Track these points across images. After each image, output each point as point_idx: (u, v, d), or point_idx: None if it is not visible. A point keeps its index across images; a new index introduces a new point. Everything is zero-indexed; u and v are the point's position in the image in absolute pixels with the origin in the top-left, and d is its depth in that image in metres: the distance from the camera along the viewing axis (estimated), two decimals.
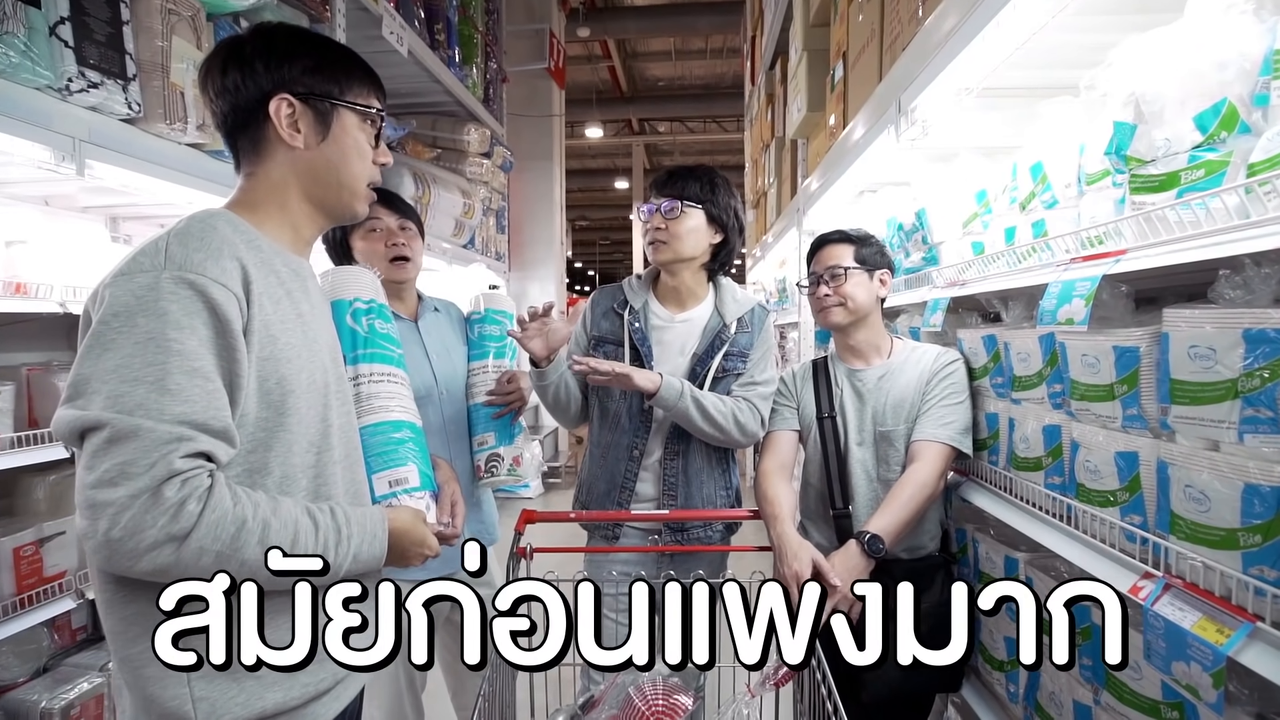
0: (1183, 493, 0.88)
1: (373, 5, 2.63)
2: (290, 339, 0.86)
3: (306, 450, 0.87)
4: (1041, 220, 1.23)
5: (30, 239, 1.71)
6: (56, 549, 1.71)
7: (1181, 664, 0.83)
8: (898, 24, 1.65)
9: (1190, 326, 0.86)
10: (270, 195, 0.91)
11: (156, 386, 0.72)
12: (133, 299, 0.74)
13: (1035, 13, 1.08)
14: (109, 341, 0.73)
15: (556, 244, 6.02)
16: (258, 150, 0.90)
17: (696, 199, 1.49)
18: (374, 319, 1.09)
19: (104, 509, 0.69)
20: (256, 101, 0.88)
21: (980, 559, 1.46)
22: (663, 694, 1.07)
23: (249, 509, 0.77)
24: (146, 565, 0.71)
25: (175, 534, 0.71)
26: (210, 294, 0.76)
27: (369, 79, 0.95)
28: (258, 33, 0.90)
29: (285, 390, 0.84)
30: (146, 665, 0.78)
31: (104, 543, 0.70)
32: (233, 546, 0.75)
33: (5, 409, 1.59)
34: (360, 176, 0.94)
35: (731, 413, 1.45)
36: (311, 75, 0.89)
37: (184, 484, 0.72)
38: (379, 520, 0.91)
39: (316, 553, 0.81)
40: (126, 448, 0.70)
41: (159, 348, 0.73)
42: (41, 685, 1.74)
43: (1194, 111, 0.85)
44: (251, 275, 0.82)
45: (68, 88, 1.44)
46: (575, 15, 7.01)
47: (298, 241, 0.94)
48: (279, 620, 0.83)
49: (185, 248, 0.78)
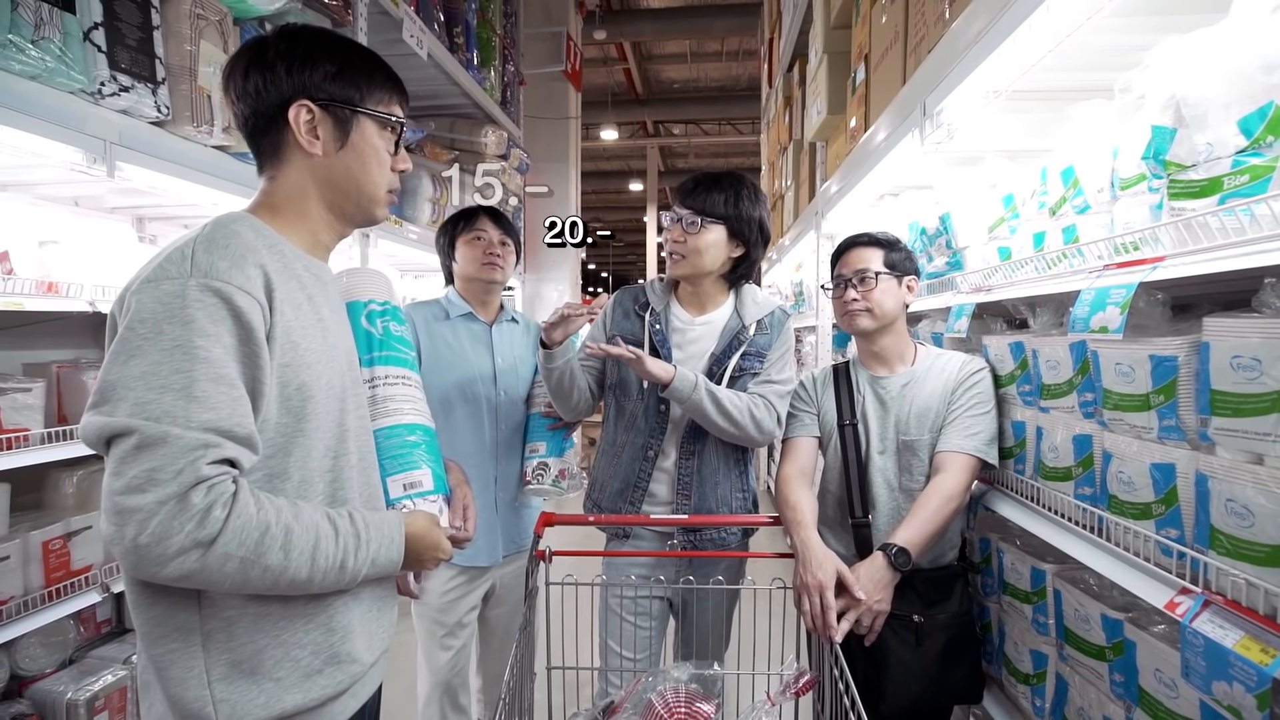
0: (1224, 507, 0.86)
1: (394, 9, 2.65)
2: (311, 345, 0.86)
3: (324, 455, 0.88)
4: (1072, 225, 1.21)
5: (61, 239, 1.74)
6: (83, 543, 1.73)
7: (1223, 684, 0.80)
8: (923, 26, 1.63)
9: (1234, 336, 0.83)
10: (290, 200, 0.91)
11: (183, 394, 0.73)
12: (160, 306, 0.75)
13: (1069, 14, 1.06)
14: (136, 348, 0.73)
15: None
16: (278, 154, 0.90)
17: (719, 215, 1.46)
18: (389, 321, 1.09)
19: (132, 515, 0.70)
20: (277, 106, 0.88)
21: (1005, 569, 1.43)
22: (684, 700, 1.06)
23: (272, 515, 0.77)
24: (172, 571, 0.72)
25: (201, 540, 0.72)
26: (235, 302, 0.77)
27: (391, 84, 0.95)
28: (282, 35, 0.90)
29: (305, 396, 0.84)
30: (170, 666, 0.80)
31: (131, 549, 0.70)
32: (256, 552, 0.75)
33: (35, 405, 1.61)
34: (380, 184, 0.94)
35: (747, 408, 1.44)
36: (332, 82, 0.89)
37: (210, 490, 0.72)
38: (396, 525, 0.92)
39: (337, 558, 0.82)
40: (154, 454, 0.71)
41: (186, 355, 0.73)
42: (68, 676, 1.77)
43: (1239, 115, 0.83)
44: (274, 282, 0.82)
45: (100, 91, 1.46)
46: (591, 18, 7.03)
47: (317, 246, 0.95)
48: (296, 622, 0.84)
49: (210, 255, 0.78)
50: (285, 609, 0.84)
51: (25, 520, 1.69)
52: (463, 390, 1.69)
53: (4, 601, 1.53)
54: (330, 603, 0.87)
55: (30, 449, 1.57)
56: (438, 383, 1.67)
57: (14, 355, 1.90)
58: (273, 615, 0.83)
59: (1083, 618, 1.18)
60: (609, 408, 1.58)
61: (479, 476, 1.69)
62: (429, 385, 1.65)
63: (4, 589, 1.54)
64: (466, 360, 1.71)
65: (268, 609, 0.83)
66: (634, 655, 1.51)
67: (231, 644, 0.81)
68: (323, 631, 0.87)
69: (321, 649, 0.86)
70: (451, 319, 1.74)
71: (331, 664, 0.87)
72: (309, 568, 0.80)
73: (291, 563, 0.78)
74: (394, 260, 3.50)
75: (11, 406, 1.55)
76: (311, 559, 0.80)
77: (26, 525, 1.65)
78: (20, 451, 1.54)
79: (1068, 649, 1.23)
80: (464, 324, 1.75)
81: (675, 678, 1.10)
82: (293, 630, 0.84)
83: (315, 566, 0.80)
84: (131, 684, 1.84)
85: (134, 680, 1.84)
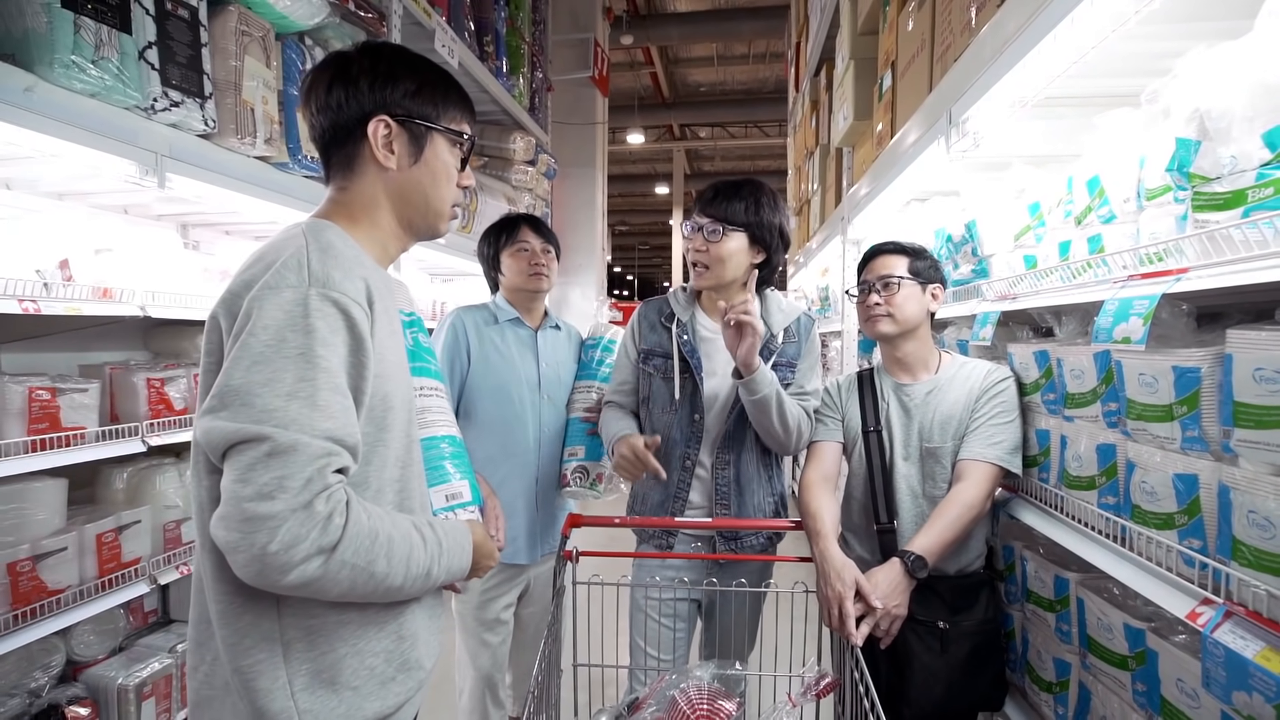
0: (1246, 518, 0.86)
1: (426, 20, 2.73)
2: (391, 356, 0.88)
3: (395, 464, 0.89)
4: (1098, 235, 1.21)
5: (115, 247, 1.83)
6: (133, 536, 1.82)
7: (1243, 694, 0.81)
8: (949, 35, 1.64)
9: (1256, 349, 0.84)
10: (364, 211, 0.93)
11: (309, 402, 0.73)
12: (283, 314, 0.75)
13: (1096, 24, 1.06)
14: (259, 355, 0.74)
15: (598, 250, 6.08)
16: (351, 166, 0.92)
17: (740, 222, 1.48)
18: (417, 332, 1.10)
19: (264, 522, 0.70)
20: (356, 120, 0.90)
21: (1029, 577, 1.43)
22: (707, 698, 1.08)
23: (378, 523, 0.79)
24: (295, 578, 0.72)
25: (325, 546, 0.73)
26: (351, 313, 0.79)
27: (464, 104, 0.97)
28: (365, 51, 0.92)
29: (387, 406, 0.86)
30: (258, 678, 0.80)
31: (259, 555, 0.70)
32: (367, 559, 0.77)
33: (91, 405, 1.70)
34: (446, 199, 0.97)
35: (800, 417, 1.47)
36: (412, 99, 0.91)
37: (329, 498, 0.73)
38: (466, 535, 0.96)
39: (425, 565, 0.85)
40: (285, 462, 0.71)
41: (309, 364, 0.74)
42: (118, 663, 1.86)
43: (1263, 128, 0.83)
44: (374, 293, 0.84)
45: (153, 107, 1.54)
46: (619, 23, 7.08)
47: (385, 257, 0.96)
48: (369, 630, 0.86)
49: (325, 265, 0.80)
50: (361, 616, 0.85)
51: (80, 514, 1.78)
52: (509, 393, 1.75)
53: (62, 590, 1.62)
54: (400, 611, 0.89)
55: (86, 446, 1.66)
56: (486, 385, 1.74)
57: (71, 357, 2.00)
58: (351, 624, 0.84)
59: (1105, 626, 1.18)
60: (644, 422, 1.61)
61: (521, 477, 1.75)
62: (478, 386, 1.74)
63: (61, 578, 1.63)
64: (513, 364, 1.77)
65: (345, 617, 0.84)
66: (659, 654, 1.54)
67: (311, 653, 0.82)
68: (394, 639, 0.88)
69: (394, 657, 0.88)
70: (500, 323, 1.81)
71: (403, 671, 0.89)
72: (404, 574, 0.82)
73: (393, 570, 0.80)
74: (423, 265, 3.59)
75: (70, 406, 1.64)
76: (406, 566, 0.82)
77: (82, 519, 1.74)
78: (78, 449, 1.63)
79: (1090, 658, 1.23)
80: (511, 329, 1.81)
81: (698, 676, 1.13)
82: (367, 639, 0.85)
83: (409, 574, 0.82)
84: (176, 672, 1.93)
85: (179, 669, 1.93)
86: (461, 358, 1.75)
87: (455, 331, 1.76)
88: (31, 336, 1.92)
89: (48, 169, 1.65)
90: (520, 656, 1.90)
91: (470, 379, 1.74)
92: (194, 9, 1.62)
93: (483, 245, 1.88)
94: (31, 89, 1.30)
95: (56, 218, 1.81)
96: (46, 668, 1.72)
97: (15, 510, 1.59)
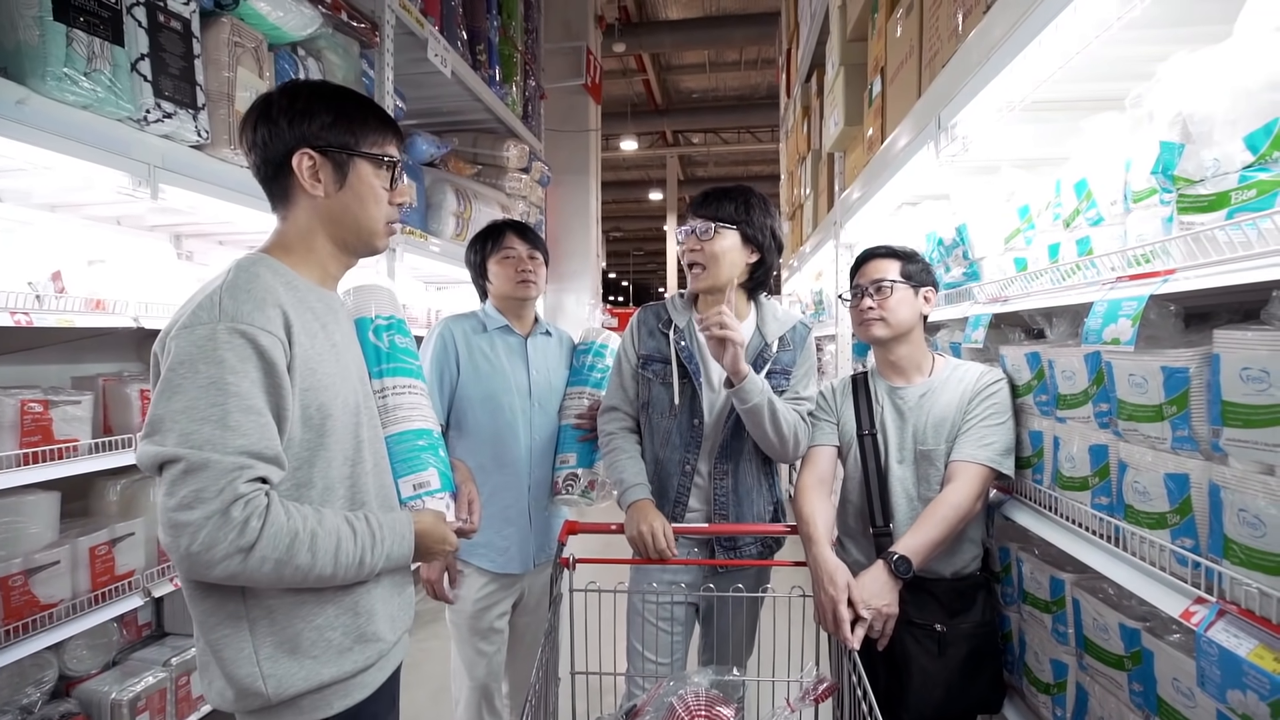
0: (1236, 517, 0.86)
1: (419, 29, 2.74)
2: (327, 369, 0.97)
3: (343, 464, 0.99)
4: (1086, 237, 1.22)
5: (108, 258, 1.83)
6: (127, 549, 1.81)
7: (1237, 692, 0.81)
8: (937, 41, 1.65)
9: (1243, 348, 0.85)
10: (300, 239, 1.02)
11: (220, 424, 0.84)
12: (195, 349, 0.86)
13: (1080, 30, 1.07)
14: (177, 386, 0.85)
15: (592, 256, 6.09)
16: (287, 197, 1.01)
17: (731, 220, 1.50)
18: (394, 334, 1.17)
19: (184, 528, 0.82)
20: (283, 155, 0.98)
21: (1025, 579, 1.44)
22: (705, 704, 1.08)
23: (299, 522, 0.89)
24: (220, 573, 0.84)
25: (242, 546, 0.83)
26: (259, 341, 0.88)
27: (384, 126, 1.04)
28: (283, 92, 1.00)
29: (324, 415, 0.96)
30: (225, 649, 0.93)
31: (185, 556, 0.83)
32: (288, 554, 0.87)
33: (84, 417, 1.69)
34: (377, 218, 1.04)
35: (796, 425, 1.48)
36: (329, 130, 0.99)
37: (246, 504, 0.84)
38: (407, 524, 1.04)
39: (356, 555, 0.94)
40: (199, 477, 0.82)
41: (219, 390, 0.85)
42: (111, 678, 1.85)
43: (1244, 131, 0.85)
44: (291, 319, 0.93)
45: (145, 118, 1.54)
46: (611, 31, 7.12)
47: (326, 278, 1.05)
48: (327, 608, 0.97)
49: (235, 300, 0.89)
50: (317, 597, 0.96)
51: (73, 527, 1.77)
52: (499, 401, 1.73)
53: (55, 604, 1.60)
54: (354, 590, 0.99)
55: (79, 459, 1.66)
56: (475, 393, 1.73)
57: (63, 369, 1.99)
58: (307, 603, 0.95)
59: (1101, 627, 1.19)
60: (643, 426, 1.61)
61: (512, 485, 1.73)
62: (468, 396, 1.73)
63: (54, 592, 1.61)
64: (503, 372, 1.76)
65: (302, 598, 0.95)
66: (657, 659, 1.53)
67: (273, 628, 0.93)
68: (350, 615, 0.99)
69: (350, 630, 0.99)
70: (489, 331, 1.79)
71: (360, 642, 0.99)
72: (332, 565, 0.92)
73: (317, 561, 0.90)
74: (417, 273, 3.59)
75: (62, 418, 1.64)
76: (334, 558, 0.92)
77: (75, 531, 1.73)
78: (70, 461, 1.63)
79: (1087, 658, 1.24)
80: (500, 337, 1.80)
81: (696, 682, 1.13)
82: (324, 615, 0.96)
83: (338, 564, 0.92)
84: (170, 686, 1.91)
85: (173, 682, 1.92)
86: (451, 368, 1.73)
87: (444, 341, 1.75)
88: (23, 349, 1.91)
89: (40, 181, 1.65)
90: (516, 665, 1.88)
91: (460, 389, 1.73)
92: (186, 21, 1.63)
93: (469, 253, 1.88)
94: (24, 101, 1.31)
95: (49, 229, 1.81)
96: (39, 683, 1.71)
97: (7, 524, 1.58)
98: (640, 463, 1.56)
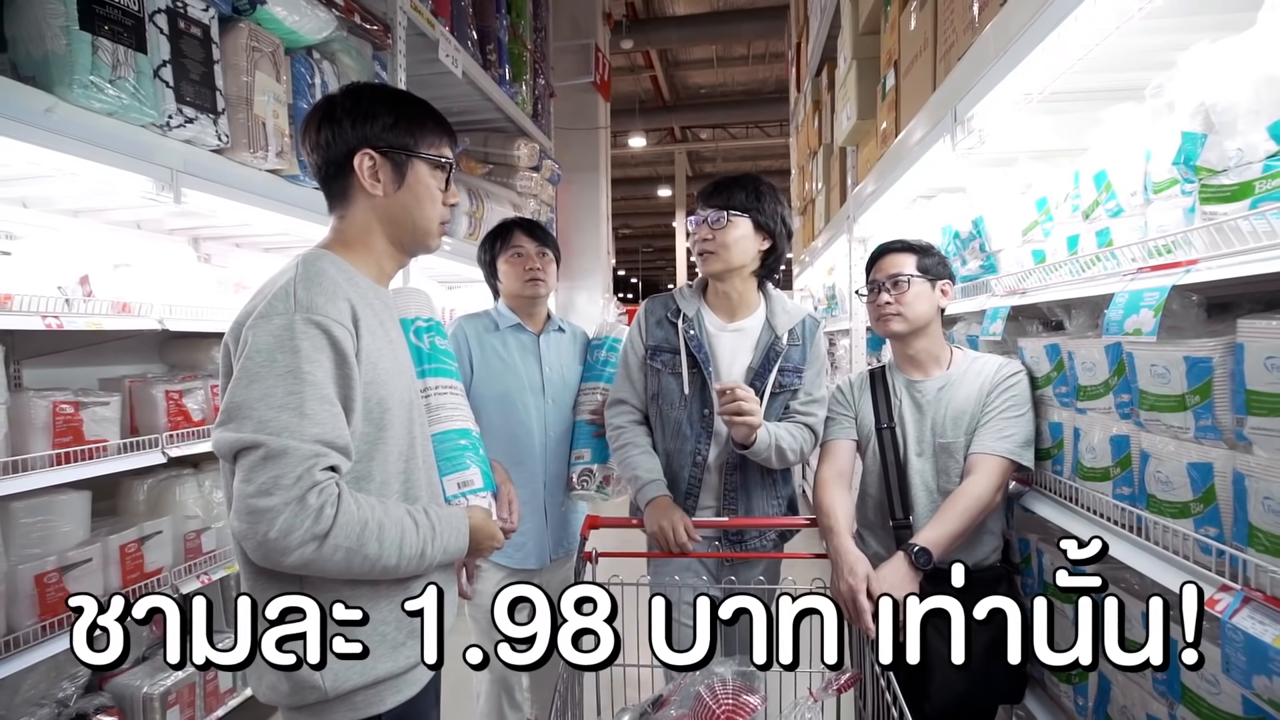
0: (1262, 504, 0.87)
1: (430, 31, 2.76)
2: (386, 364, 0.99)
3: (398, 458, 1.00)
4: (1106, 229, 1.22)
5: (132, 262, 1.86)
6: (155, 547, 1.84)
7: (1263, 678, 0.82)
8: (952, 33, 1.65)
9: (1267, 337, 0.85)
10: (359, 237, 1.04)
11: (297, 412, 0.85)
12: (272, 338, 0.87)
13: (1100, 21, 1.07)
14: (255, 374, 0.86)
15: (603, 253, 6.10)
16: (346, 196, 1.03)
17: (742, 208, 1.51)
18: (434, 336, 1.19)
19: (263, 515, 0.82)
20: (344, 155, 1.00)
21: (1045, 570, 1.44)
22: (732, 693, 1.10)
23: (368, 511, 0.90)
24: (294, 560, 0.84)
25: (318, 534, 0.84)
26: (333, 332, 0.90)
27: (441, 129, 1.07)
28: (347, 93, 1.03)
29: (384, 409, 0.97)
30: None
31: (262, 542, 0.83)
32: (359, 543, 0.88)
33: (113, 418, 1.73)
34: (432, 218, 1.07)
35: (800, 447, 1.51)
36: (390, 131, 1.01)
37: (322, 492, 0.85)
38: (463, 519, 1.06)
39: (418, 547, 0.95)
40: (278, 464, 0.83)
41: (296, 379, 0.86)
42: (142, 672, 1.89)
43: (1268, 121, 0.85)
44: (359, 312, 0.95)
45: (168, 124, 1.57)
46: (619, 28, 7.12)
47: (381, 275, 1.07)
48: (381, 603, 0.97)
49: (309, 292, 0.91)
50: (373, 591, 0.96)
51: (103, 526, 1.80)
52: (513, 400, 1.75)
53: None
54: (408, 584, 1.00)
55: (109, 459, 1.69)
56: (489, 392, 1.74)
57: (91, 371, 2.03)
58: (363, 597, 0.95)
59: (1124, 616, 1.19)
60: (654, 417, 1.61)
61: (528, 482, 1.75)
62: (481, 394, 1.74)
63: (87, 589, 1.65)
64: (516, 370, 1.77)
65: (358, 592, 0.95)
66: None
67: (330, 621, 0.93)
68: (402, 610, 0.99)
69: (403, 625, 0.99)
70: (501, 330, 1.81)
71: (412, 637, 1.00)
72: (397, 555, 0.92)
73: (384, 551, 0.91)
74: (431, 272, 3.61)
75: (92, 419, 1.67)
76: (399, 549, 0.92)
77: (105, 530, 1.77)
78: (101, 461, 1.66)
79: None
80: (513, 335, 1.81)
81: (720, 674, 1.14)
82: (379, 610, 0.96)
83: (402, 554, 0.93)
84: (199, 680, 1.95)
85: (201, 677, 1.95)
86: (464, 367, 1.75)
87: (456, 341, 1.76)
88: (52, 352, 1.95)
89: (66, 187, 1.68)
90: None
91: (474, 388, 1.74)
92: (206, 27, 1.65)
93: (480, 252, 1.89)
94: (52, 109, 1.33)
95: (75, 234, 1.84)
96: (73, 677, 1.75)
97: (42, 523, 1.61)
98: (654, 457, 1.57)
